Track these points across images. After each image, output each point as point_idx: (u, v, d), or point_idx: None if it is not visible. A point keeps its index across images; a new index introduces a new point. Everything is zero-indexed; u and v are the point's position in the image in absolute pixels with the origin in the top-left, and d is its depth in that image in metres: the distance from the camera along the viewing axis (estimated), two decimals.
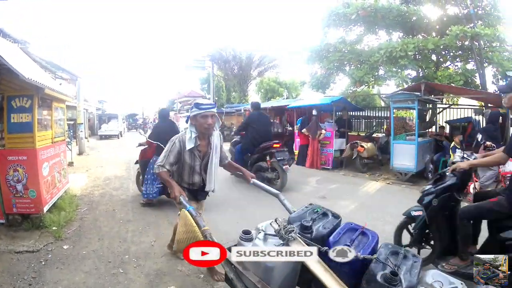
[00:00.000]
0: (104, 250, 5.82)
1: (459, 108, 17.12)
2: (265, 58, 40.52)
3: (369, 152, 13.95)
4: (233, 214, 8.07)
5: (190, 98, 49.39)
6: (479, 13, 16.59)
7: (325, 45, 18.31)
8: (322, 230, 3.08)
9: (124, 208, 8.43)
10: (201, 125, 4.21)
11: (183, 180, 4.59)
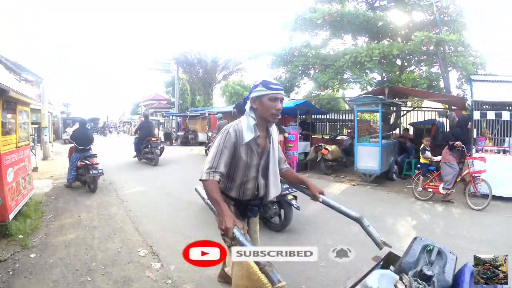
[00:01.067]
0: (71, 258, 5.61)
1: (423, 111, 17.23)
2: (230, 61, 40.46)
3: (334, 154, 13.94)
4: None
5: (155, 101, 49.09)
6: (445, 19, 16.77)
7: (290, 49, 18.02)
8: (447, 279, 2.47)
9: (89, 214, 8.16)
10: (267, 110, 3.12)
11: (232, 189, 3.37)
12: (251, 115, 3.19)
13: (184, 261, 4.30)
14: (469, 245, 6.25)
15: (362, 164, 12.47)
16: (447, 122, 15.02)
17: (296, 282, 4.70)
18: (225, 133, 3.12)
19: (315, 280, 4.81)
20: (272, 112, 3.12)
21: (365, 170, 12.42)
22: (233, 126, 3.17)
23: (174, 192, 10.43)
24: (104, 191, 10.64)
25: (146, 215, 7.99)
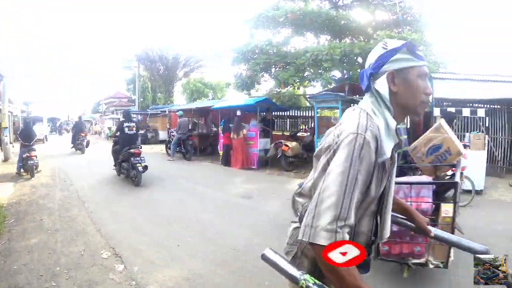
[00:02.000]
0: (35, 263, 5.30)
1: None
2: (191, 58, 40.05)
3: (294, 151, 13.74)
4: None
5: (116, 99, 47.99)
6: (408, 19, 17.05)
7: (252, 47, 17.79)
8: None
9: (51, 217, 7.77)
10: (417, 95, 1.70)
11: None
12: (387, 105, 1.72)
13: (147, 262, 4.56)
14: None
15: None
16: (407, 119, 14.73)
17: (260, 279, 4.61)
18: (358, 144, 1.52)
19: (279, 276, 4.43)
20: (423, 100, 1.71)
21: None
22: (369, 129, 1.57)
23: (134, 191, 10.17)
24: (65, 192, 10.17)
25: (107, 216, 7.72)
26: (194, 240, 6.09)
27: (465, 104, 11.31)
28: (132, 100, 43.45)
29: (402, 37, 13.95)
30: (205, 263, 5.14)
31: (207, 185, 10.90)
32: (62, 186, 10.93)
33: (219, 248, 5.69)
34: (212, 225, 6.98)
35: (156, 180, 11.41)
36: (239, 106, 15.54)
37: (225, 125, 15.44)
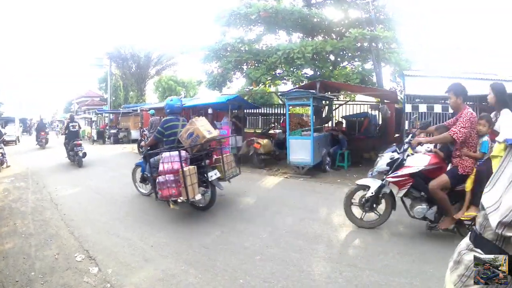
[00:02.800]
0: (10, 269, 5.16)
1: (356, 104, 17.47)
2: (163, 56, 39.43)
3: (266, 148, 13.66)
4: None
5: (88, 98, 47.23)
6: (381, 18, 17.03)
7: (223, 45, 17.53)
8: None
9: (24, 221, 7.51)
10: None
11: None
12: None
13: (121, 264, 4.57)
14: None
15: (294, 157, 12.24)
16: (379, 115, 15.34)
17: (233, 278, 4.58)
18: None
19: (252, 274, 4.69)
20: None
21: (298, 163, 12.20)
22: None
23: (107, 193, 9.89)
24: (38, 195, 9.83)
25: (81, 218, 7.47)
26: (167, 240, 5.98)
27: (437, 101, 11.31)
28: (104, 99, 42.50)
29: (374, 35, 14.09)
30: (178, 263, 5.07)
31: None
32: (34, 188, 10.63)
33: (191, 247, 5.62)
34: (184, 224, 6.91)
35: (127, 180, 10.84)
36: (210, 104, 15.34)
37: None
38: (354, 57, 17.73)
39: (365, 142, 14.72)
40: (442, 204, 5.60)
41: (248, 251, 5.44)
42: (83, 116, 36.96)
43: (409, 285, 4.38)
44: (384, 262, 5.05)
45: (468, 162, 5.46)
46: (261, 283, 4.43)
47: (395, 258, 5.17)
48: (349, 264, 4.95)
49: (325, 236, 6.08)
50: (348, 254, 5.35)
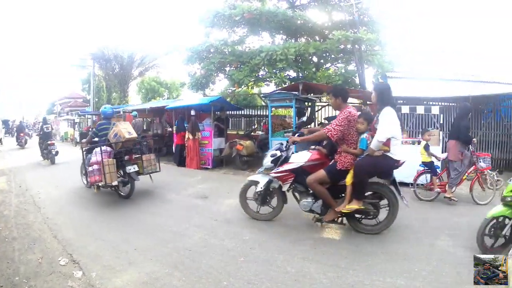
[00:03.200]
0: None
1: None
2: (146, 57, 38.96)
3: (248, 149, 13.66)
4: None
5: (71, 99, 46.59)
6: (364, 20, 17.13)
7: (207, 46, 17.47)
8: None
9: (7, 224, 7.40)
10: None
11: None
12: None
13: (105, 267, 4.60)
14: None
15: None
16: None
17: (217, 280, 4.57)
18: None
19: (235, 276, 4.69)
20: None
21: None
22: None
23: (89, 195, 9.71)
24: (21, 198, 9.69)
25: (64, 222, 7.37)
26: (150, 243, 5.92)
27: (419, 102, 11.42)
28: (87, 100, 41.81)
29: (357, 37, 14.12)
30: (162, 265, 5.03)
31: (161, 186, 10.59)
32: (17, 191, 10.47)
33: (175, 250, 5.59)
34: (168, 227, 6.82)
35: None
36: (193, 105, 15.04)
37: (179, 125, 15.14)
38: (337, 59, 17.79)
39: None
40: (322, 198, 5.99)
41: (232, 253, 5.41)
42: (66, 117, 36.45)
43: (394, 285, 4.37)
44: (368, 262, 5.05)
45: (347, 158, 5.81)
46: (245, 285, 4.42)
47: (379, 258, 5.18)
48: (333, 265, 4.94)
49: (309, 237, 6.05)
50: (332, 255, 5.30)
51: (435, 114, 11.62)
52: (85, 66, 35.34)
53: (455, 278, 4.48)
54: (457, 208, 8.29)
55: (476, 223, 5.53)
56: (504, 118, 12.49)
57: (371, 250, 5.46)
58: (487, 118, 12.74)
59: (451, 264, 4.93)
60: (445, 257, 5.22)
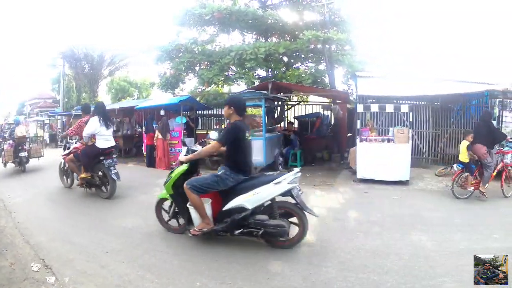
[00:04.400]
0: None
1: (309, 105, 17.74)
2: (116, 56, 38.03)
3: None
4: None
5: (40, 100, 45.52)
6: (336, 20, 17.16)
7: (177, 45, 17.24)
8: None
9: None
10: None
11: None
12: None
13: (78, 272, 4.69)
14: None
15: None
16: (331, 115, 15.74)
17: (190, 281, 4.48)
18: None
19: (208, 276, 4.61)
20: None
21: None
22: None
23: (59, 199, 9.46)
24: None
25: (35, 226, 7.07)
26: (122, 245, 5.77)
27: (389, 101, 11.42)
28: (57, 100, 40.77)
29: (327, 37, 14.10)
30: (134, 268, 4.89)
31: (131, 188, 10.31)
32: None
33: (146, 252, 5.46)
34: (138, 229, 6.66)
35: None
36: (163, 105, 14.79)
37: (148, 125, 14.88)
38: (307, 59, 17.80)
39: (318, 142, 14.87)
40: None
41: (204, 254, 5.30)
42: (36, 118, 35.66)
43: (367, 280, 4.34)
44: (340, 258, 5.02)
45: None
46: (218, 285, 4.37)
47: (351, 254, 5.15)
48: (306, 262, 4.89)
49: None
50: (304, 253, 5.24)
51: (405, 112, 11.67)
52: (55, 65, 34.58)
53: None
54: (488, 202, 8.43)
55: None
56: (474, 116, 12.62)
57: (341, 247, 5.42)
58: (456, 116, 12.93)
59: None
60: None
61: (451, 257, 4.93)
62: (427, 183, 10.31)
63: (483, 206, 8.03)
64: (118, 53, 37.22)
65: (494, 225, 6.45)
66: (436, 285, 4.14)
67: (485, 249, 5.03)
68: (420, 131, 12.88)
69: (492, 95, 11.65)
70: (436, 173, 11.22)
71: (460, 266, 4.55)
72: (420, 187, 9.97)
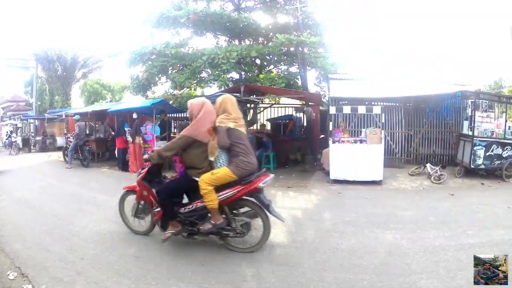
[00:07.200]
0: None
1: (281, 107, 17.77)
2: (90, 59, 37.57)
3: None
4: None
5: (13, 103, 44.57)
6: (309, 23, 17.26)
7: (150, 49, 16.95)
8: None
9: None
10: None
11: None
12: None
13: (54, 279, 4.59)
14: None
15: (220, 161, 11.57)
16: (304, 117, 15.67)
17: (166, 285, 4.44)
18: None
19: (184, 280, 4.56)
20: None
21: (223, 166, 11.57)
22: None
23: (34, 204, 9.15)
24: None
25: (11, 234, 6.82)
26: (97, 252, 5.62)
27: (362, 102, 11.45)
28: (30, 103, 39.94)
29: (300, 41, 14.08)
30: (110, 274, 4.77)
31: (105, 192, 10.09)
32: None
33: (121, 257, 5.33)
34: (113, 234, 6.48)
35: (55, 190, 10.73)
36: (135, 108, 14.62)
37: (120, 129, 14.64)
38: (280, 61, 17.80)
39: (291, 144, 14.85)
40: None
41: (179, 258, 5.23)
42: (8, 122, 34.89)
43: (343, 279, 4.33)
44: (316, 258, 5.00)
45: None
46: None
47: (326, 254, 5.14)
48: (281, 264, 4.87)
49: (254, 238, 5.73)
50: (279, 254, 5.24)
51: (377, 113, 11.74)
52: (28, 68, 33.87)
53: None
54: None
55: None
56: (446, 116, 12.97)
57: (316, 247, 5.43)
58: (429, 117, 13.10)
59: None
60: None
61: (426, 254, 4.96)
62: (401, 183, 10.43)
63: (455, 203, 8.16)
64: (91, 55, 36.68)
65: (466, 222, 6.56)
66: (412, 281, 4.13)
67: (459, 245, 5.28)
68: (393, 131, 12.95)
69: (464, 95, 11.89)
70: (410, 172, 11.34)
71: (436, 262, 4.63)
72: (393, 186, 10.08)
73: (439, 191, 9.00)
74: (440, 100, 12.76)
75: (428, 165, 10.89)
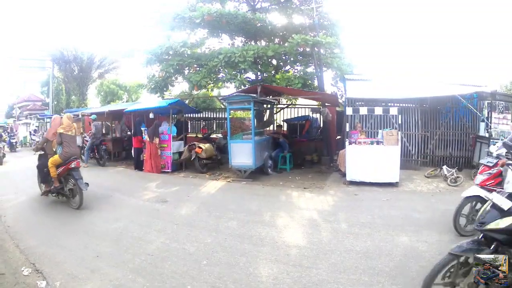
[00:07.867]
0: None
1: (298, 108, 17.79)
2: (106, 59, 37.79)
3: (208, 152, 13.47)
4: None
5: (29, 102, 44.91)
6: (324, 24, 17.08)
7: (166, 48, 16.96)
8: None
9: None
10: None
11: None
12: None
13: (68, 276, 4.66)
14: None
15: (236, 161, 12.09)
16: (320, 118, 15.64)
17: (181, 284, 4.47)
18: None
19: (199, 279, 4.60)
20: None
21: (240, 166, 12.11)
22: None
23: (48, 202, 9.24)
24: None
25: (25, 230, 7.04)
26: (112, 249, 5.76)
27: (378, 103, 11.46)
28: (46, 103, 40.12)
29: (316, 41, 13.96)
30: (124, 272, 4.87)
31: (121, 191, 10.31)
32: None
33: (137, 256, 5.43)
34: (128, 232, 6.62)
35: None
36: (152, 108, 14.78)
37: (136, 128, 14.72)
38: (296, 62, 17.66)
39: (307, 145, 14.89)
40: None
41: (194, 257, 5.30)
42: (25, 121, 35.17)
43: (358, 281, 4.36)
44: (331, 260, 5.03)
45: None
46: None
47: (341, 256, 5.16)
48: (296, 264, 4.90)
49: (270, 238, 6.01)
50: (294, 255, 5.26)
51: (394, 115, 11.74)
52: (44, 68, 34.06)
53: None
54: None
55: None
56: (463, 117, 12.76)
57: (331, 249, 5.44)
58: (445, 118, 12.93)
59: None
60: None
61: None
62: (417, 185, 10.30)
63: None
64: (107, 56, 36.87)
65: None
66: None
67: None
68: (409, 133, 12.87)
69: (480, 97, 11.80)
70: (426, 174, 11.25)
71: None
72: (410, 188, 9.96)
73: (456, 194, 8.55)
74: (456, 101, 12.47)
75: (445, 167, 10.82)
